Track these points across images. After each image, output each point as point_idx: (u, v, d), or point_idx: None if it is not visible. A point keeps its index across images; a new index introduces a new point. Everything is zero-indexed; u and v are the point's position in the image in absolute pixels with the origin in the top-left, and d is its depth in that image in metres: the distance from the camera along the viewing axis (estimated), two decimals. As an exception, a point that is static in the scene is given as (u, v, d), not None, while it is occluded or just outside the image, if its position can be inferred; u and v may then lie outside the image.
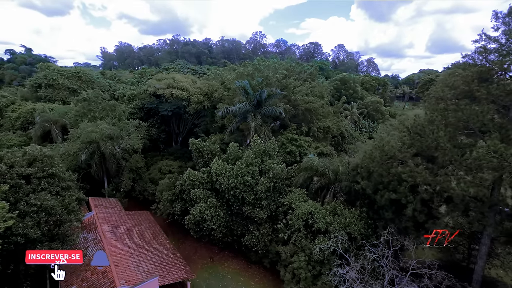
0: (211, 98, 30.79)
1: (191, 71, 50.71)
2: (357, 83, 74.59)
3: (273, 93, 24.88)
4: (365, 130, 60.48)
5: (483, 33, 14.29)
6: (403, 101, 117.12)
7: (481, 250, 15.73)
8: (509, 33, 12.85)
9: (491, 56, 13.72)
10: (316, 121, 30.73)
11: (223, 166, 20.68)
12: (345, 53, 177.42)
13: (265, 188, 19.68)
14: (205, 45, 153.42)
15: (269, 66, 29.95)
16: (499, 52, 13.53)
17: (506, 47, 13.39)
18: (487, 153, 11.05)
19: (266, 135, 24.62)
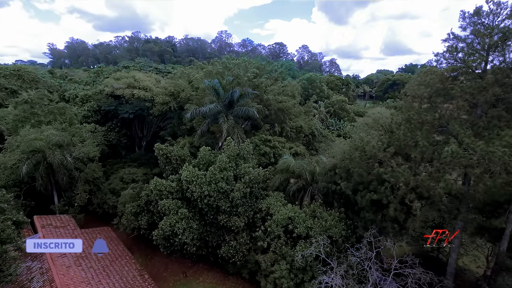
0: (178, 99, 28.56)
1: (154, 69, 47.29)
2: (323, 82, 76.73)
3: (245, 92, 23.65)
4: (333, 128, 62.21)
5: (451, 33, 14.63)
6: (364, 100, 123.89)
7: (454, 243, 16.21)
8: (476, 32, 13.16)
9: (459, 54, 14.07)
10: (289, 121, 30.21)
11: (194, 173, 18.93)
12: (309, 54, 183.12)
13: (241, 194, 18.38)
14: (169, 44, 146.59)
15: (239, 65, 28.66)
16: (464, 51, 13.92)
17: (471, 47, 13.80)
18: (464, 150, 11.06)
19: (239, 137, 23.31)
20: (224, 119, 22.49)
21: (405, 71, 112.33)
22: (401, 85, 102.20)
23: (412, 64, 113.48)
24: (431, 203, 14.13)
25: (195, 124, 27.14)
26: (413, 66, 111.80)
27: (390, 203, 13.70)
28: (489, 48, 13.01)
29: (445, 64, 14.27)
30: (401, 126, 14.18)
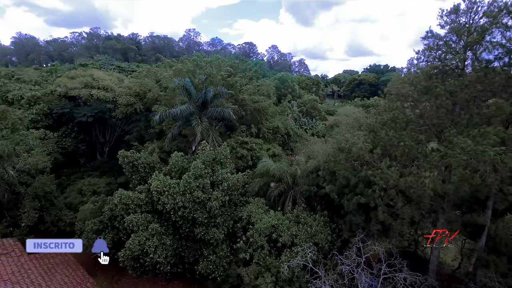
0: (144, 100, 26.01)
1: (116, 68, 43.39)
2: (294, 82, 77.31)
3: (219, 92, 22.04)
4: (305, 127, 62.80)
5: (430, 31, 14.53)
6: (333, 99, 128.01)
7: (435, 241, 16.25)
8: (454, 30, 13.09)
9: (438, 52, 13.98)
10: (265, 122, 29.17)
11: (165, 182, 16.95)
12: (278, 54, 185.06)
13: (219, 203, 16.82)
14: (132, 41, 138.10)
15: (211, 63, 26.90)
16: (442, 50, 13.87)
17: (449, 45, 13.77)
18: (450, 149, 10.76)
19: (214, 140, 21.67)
20: (198, 121, 20.69)
21: (369, 71, 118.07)
22: (366, 84, 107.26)
23: (376, 64, 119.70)
24: (416, 204, 13.87)
25: (165, 127, 24.91)
26: (376, 67, 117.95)
27: (378, 206, 13.14)
28: (466, 46, 12.99)
29: (424, 63, 14.11)
30: (385, 125, 13.72)
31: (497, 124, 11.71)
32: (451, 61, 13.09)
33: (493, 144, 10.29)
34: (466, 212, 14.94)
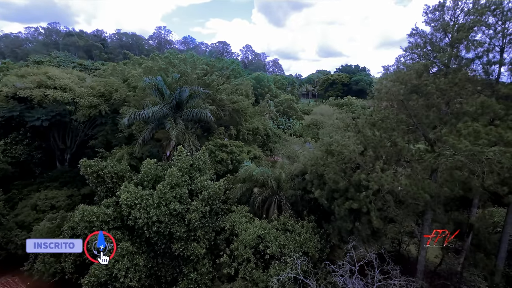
0: (111, 101, 23.40)
1: (78, 66, 39.39)
2: (270, 82, 76.86)
3: (195, 92, 20.30)
4: (283, 127, 62.60)
5: (415, 28, 14.18)
6: (308, 98, 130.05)
7: (423, 242, 16.07)
8: (442, 27, 12.77)
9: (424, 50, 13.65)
10: (245, 123, 27.85)
11: (136, 193, 14.99)
12: (253, 54, 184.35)
13: (199, 214, 15.21)
14: (97, 38, 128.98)
15: (185, 60, 24.95)
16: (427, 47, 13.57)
17: (432, 43, 13.50)
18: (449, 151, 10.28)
19: (191, 144, 19.90)
20: (172, 123, 18.79)
21: (341, 71, 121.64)
22: (339, 84, 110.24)
23: (347, 65, 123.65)
24: (406, 206, 13.41)
25: (135, 131, 22.60)
26: (348, 67, 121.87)
27: (371, 211, 12.43)
28: (452, 43, 12.72)
29: (411, 60, 13.72)
30: (375, 126, 13.07)
31: (484, 122, 11.53)
32: (439, 58, 12.73)
33: (489, 144, 9.91)
34: (450, 211, 14.84)
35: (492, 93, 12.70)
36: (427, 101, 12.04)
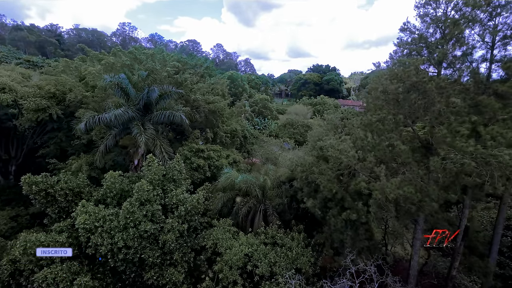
0: (64, 102, 20.04)
1: (25, 62, 34.26)
2: (244, 81, 75.19)
3: (166, 92, 17.90)
4: (259, 127, 61.44)
5: (407, 22, 13.39)
6: (281, 98, 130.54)
7: (416, 246, 15.48)
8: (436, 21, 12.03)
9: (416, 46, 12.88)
10: (222, 125, 25.83)
11: (98, 214, 12.46)
12: (224, 53, 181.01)
13: (176, 234, 13.06)
14: (51, 33, 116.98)
15: (154, 56, 22.25)
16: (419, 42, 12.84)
17: (424, 38, 12.79)
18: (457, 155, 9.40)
19: (163, 151, 17.50)
20: (140, 128, 16.26)
21: (313, 71, 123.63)
22: (311, 84, 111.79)
23: (318, 64, 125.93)
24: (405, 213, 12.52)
25: (96, 137, 19.53)
26: (319, 67, 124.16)
27: (372, 222, 11.30)
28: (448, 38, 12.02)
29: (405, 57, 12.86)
30: (371, 127, 11.98)
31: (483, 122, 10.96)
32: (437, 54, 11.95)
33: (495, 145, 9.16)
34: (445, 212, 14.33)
35: (483, 91, 12.20)
36: (425, 100, 11.17)
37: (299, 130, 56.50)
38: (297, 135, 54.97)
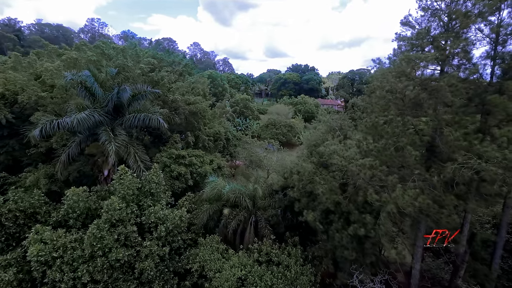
0: (16, 104, 16.99)
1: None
2: (224, 81, 72.96)
3: (140, 92, 15.62)
4: (240, 128, 59.81)
5: (409, 15, 12.37)
6: (261, 97, 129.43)
7: (417, 254, 14.64)
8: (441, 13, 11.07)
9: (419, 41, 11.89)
10: (204, 127, 23.78)
11: (56, 242, 10.14)
12: (201, 52, 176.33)
13: (155, 260, 11.03)
14: (10, 28, 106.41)
15: (125, 52, 19.67)
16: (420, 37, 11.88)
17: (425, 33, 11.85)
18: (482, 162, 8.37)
19: (138, 160, 15.24)
20: (109, 134, 13.89)
21: (292, 70, 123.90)
22: (291, 83, 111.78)
23: (297, 64, 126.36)
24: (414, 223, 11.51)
25: (57, 144, 16.74)
26: (298, 66, 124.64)
27: (382, 236, 10.07)
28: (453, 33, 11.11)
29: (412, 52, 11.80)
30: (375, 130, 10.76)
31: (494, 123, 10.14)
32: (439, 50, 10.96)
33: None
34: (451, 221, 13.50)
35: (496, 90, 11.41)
36: (435, 100, 10.13)
37: (282, 130, 55.49)
38: (280, 135, 53.92)
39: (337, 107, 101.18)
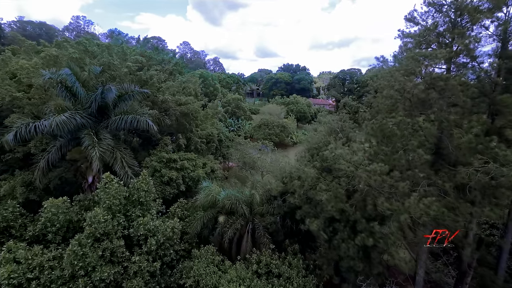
0: (-11, 106, 15.49)
1: None
2: (215, 80, 71.67)
3: (127, 92, 14.47)
4: (232, 128, 58.88)
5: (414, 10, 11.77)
6: (253, 97, 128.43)
7: (421, 260, 14.11)
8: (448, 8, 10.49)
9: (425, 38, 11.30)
10: (196, 129, 22.70)
11: (31, 261, 8.98)
12: (191, 51, 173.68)
13: (145, 277, 10.00)
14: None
15: (110, 49, 18.37)
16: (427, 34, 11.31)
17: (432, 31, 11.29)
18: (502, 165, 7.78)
19: (125, 165, 14.10)
20: (92, 139, 12.71)
21: (283, 70, 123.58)
22: (282, 83, 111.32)
23: (289, 64, 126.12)
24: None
25: (35, 149, 15.37)
26: (289, 66, 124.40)
27: (391, 246, 9.39)
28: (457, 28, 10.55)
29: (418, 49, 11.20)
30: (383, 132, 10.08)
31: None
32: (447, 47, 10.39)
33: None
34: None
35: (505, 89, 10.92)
36: (447, 100, 9.53)
37: (275, 131, 54.80)
38: (273, 135, 53.23)
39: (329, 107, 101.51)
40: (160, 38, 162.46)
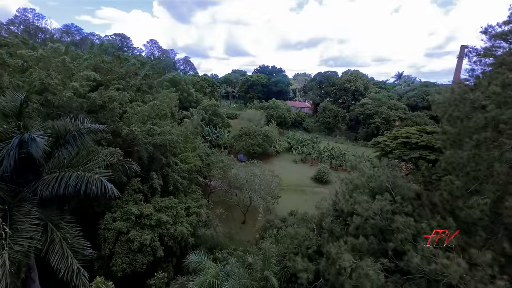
0: None
1: None
2: (189, 85, 65.45)
3: (71, 131, 9.16)
4: (210, 138, 53.76)
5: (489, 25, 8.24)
6: (228, 100, 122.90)
7: None
8: None
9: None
10: (175, 161, 17.60)
11: None
12: (159, 50, 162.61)
13: None
14: None
15: (46, 61, 12.44)
16: None
17: None
18: None
19: (69, 254, 8.82)
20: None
21: (259, 72, 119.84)
22: (259, 85, 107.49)
23: (265, 65, 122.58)
24: None
25: None
26: (265, 68, 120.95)
27: None
28: None
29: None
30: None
31: None
32: None
33: None
34: None
35: None
36: None
37: (257, 141, 50.55)
38: (256, 146, 48.97)
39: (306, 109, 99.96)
40: (124, 35, 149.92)
